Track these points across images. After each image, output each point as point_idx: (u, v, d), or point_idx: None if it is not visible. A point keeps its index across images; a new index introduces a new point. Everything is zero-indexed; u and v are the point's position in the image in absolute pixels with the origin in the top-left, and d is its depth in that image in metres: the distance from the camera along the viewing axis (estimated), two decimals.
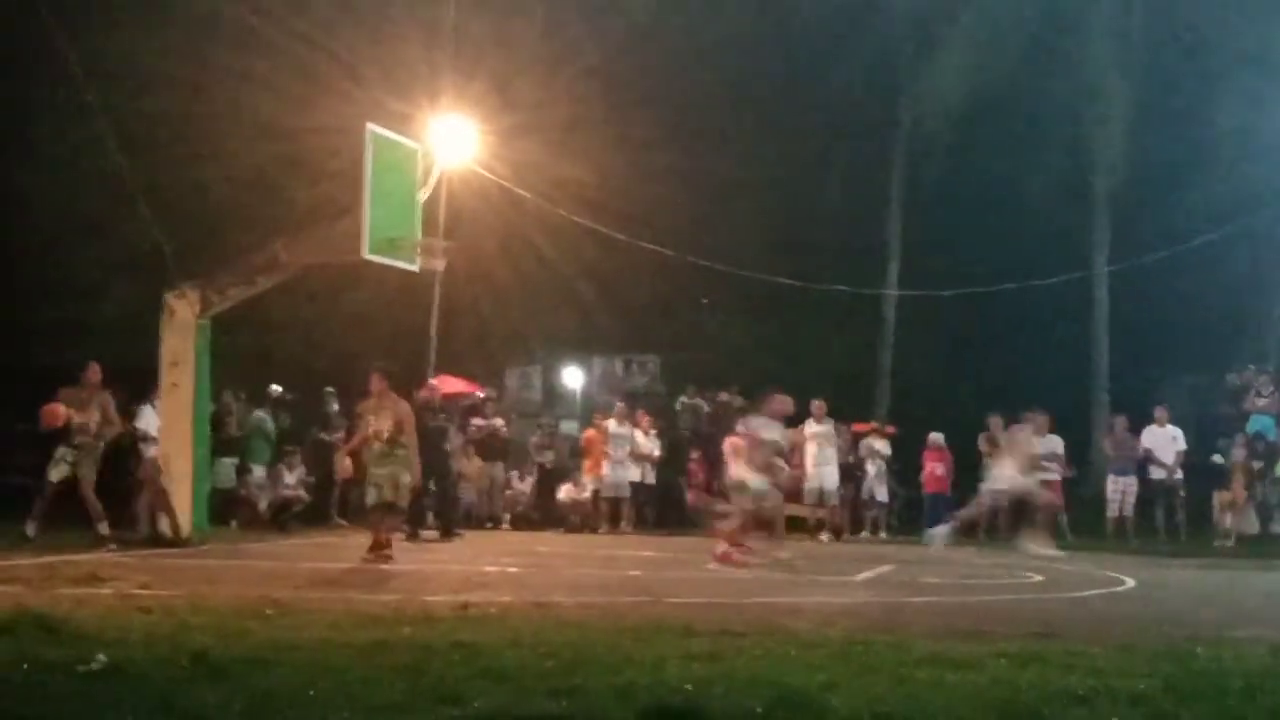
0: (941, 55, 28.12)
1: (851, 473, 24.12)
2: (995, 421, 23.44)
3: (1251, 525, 22.35)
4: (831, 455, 23.45)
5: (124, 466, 20.04)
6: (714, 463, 25.19)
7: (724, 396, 26.79)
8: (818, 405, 23.44)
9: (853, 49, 28.28)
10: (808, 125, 29.26)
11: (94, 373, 17.55)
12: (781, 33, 28.55)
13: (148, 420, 19.63)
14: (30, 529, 16.92)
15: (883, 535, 23.85)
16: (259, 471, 22.80)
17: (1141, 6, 27.62)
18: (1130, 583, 14.96)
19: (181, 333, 18.30)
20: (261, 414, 23.52)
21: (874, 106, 29.53)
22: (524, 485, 24.46)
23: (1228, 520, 22.19)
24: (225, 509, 21.76)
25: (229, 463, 22.28)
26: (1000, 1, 27.75)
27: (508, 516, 24.51)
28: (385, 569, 14.62)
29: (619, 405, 24.60)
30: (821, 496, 23.38)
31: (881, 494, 24.23)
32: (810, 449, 23.35)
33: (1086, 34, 27.91)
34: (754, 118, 28.70)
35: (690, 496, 24.88)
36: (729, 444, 17.55)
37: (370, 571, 14.29)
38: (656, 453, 24.60)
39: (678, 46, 27.96)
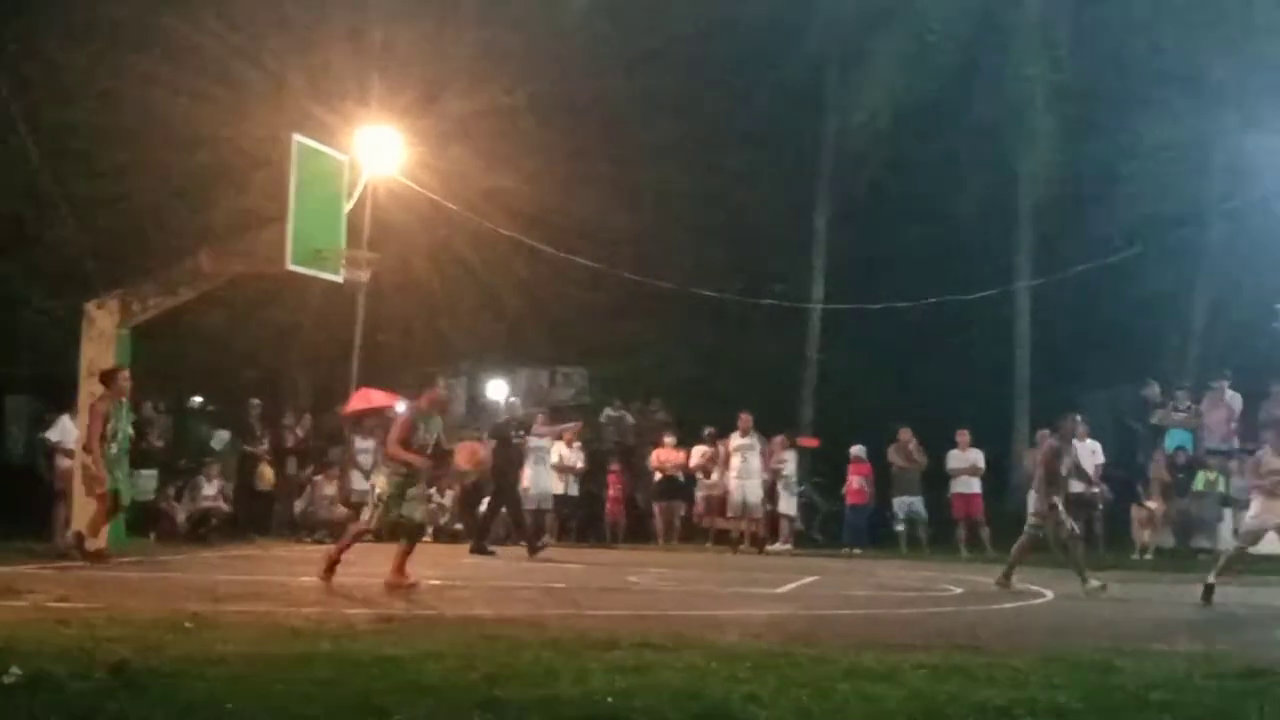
0: (867, 70, 28.29)
1: (774, 486, 24.16)
2: (905, 434, 23.70)
3: (1168, 539, 22.64)
4: (755, 468, 23.51)
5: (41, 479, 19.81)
6: (636, 475, 25.28)
7: (650, 408, 26.83)
8: (744, 418, 23.54)
9: (780, 62, 28.37)
10: (735, 137, 29.33)
11: None
12: (710, 45, 28.59)
13: (64, 431, 19.41)
14: None
15: (788, 547, 23.78)
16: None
17: (1066, 24, 27.89)
18: (1049, 595, 15.12)
19: (101, 342, 18.11)
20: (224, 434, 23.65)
21: (801, 120, 29.65)
22: (445, 499, 24.35)
23: (1145, 535, 22.46)
24: (144, 521, 21.51)
25: (148, 475, 22.02)
26: (927, 17, 27.94)
27: (430, 530, 24.31)
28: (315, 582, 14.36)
29: (540, 416, 24.55)
30: (745, 509, 23.44)
31: (787, 506, 24.14)
32: (735, 461, 23.48)
33: (1012, 51, 28.16)
34: (683, 129, 28.69)
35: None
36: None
37: (291, 585, 14.17)
38: (579, 465, 24.56)
39: (608, 57, 27.94)
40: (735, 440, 23.48)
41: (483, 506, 22.30)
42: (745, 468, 23.41)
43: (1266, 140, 24.90)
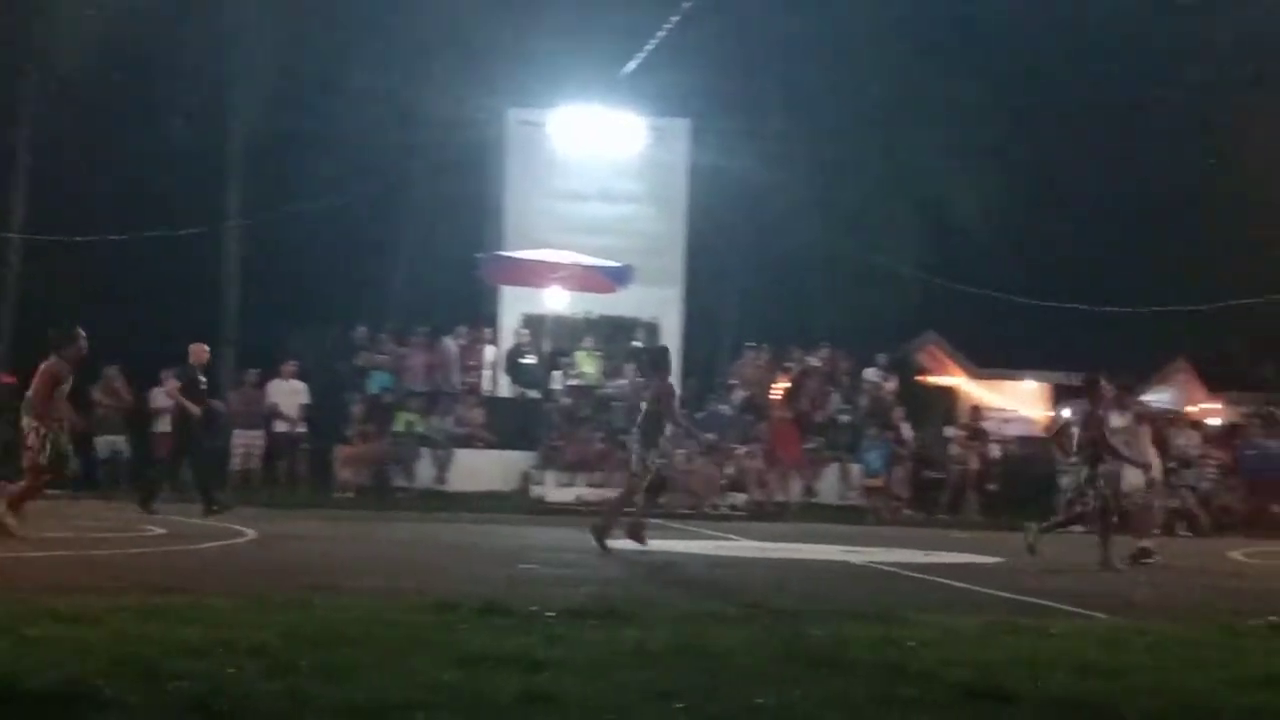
0: (77, 6, 27.10)
1: None
2: (111, 371, 23.00)
3: (367, 478, 23.39)
4: None
5: None
6: None
7: None
8: None
9: None
10: None
11: None
12: None
13: None
14: None
15: None
16: None
17: None
18: (251, 534, 15.28)
19: None
20: None
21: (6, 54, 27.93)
22: None
23: (347, 473, 23.15)
24: None
25: None
26: None
27: None
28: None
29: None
30: None
31: None
32: None
33: None
34: None
35: None
36: None
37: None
38: None
39: None
40: None
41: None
42: None
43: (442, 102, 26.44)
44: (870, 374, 26.02)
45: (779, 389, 25.01)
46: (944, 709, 6.04)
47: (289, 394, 23.52)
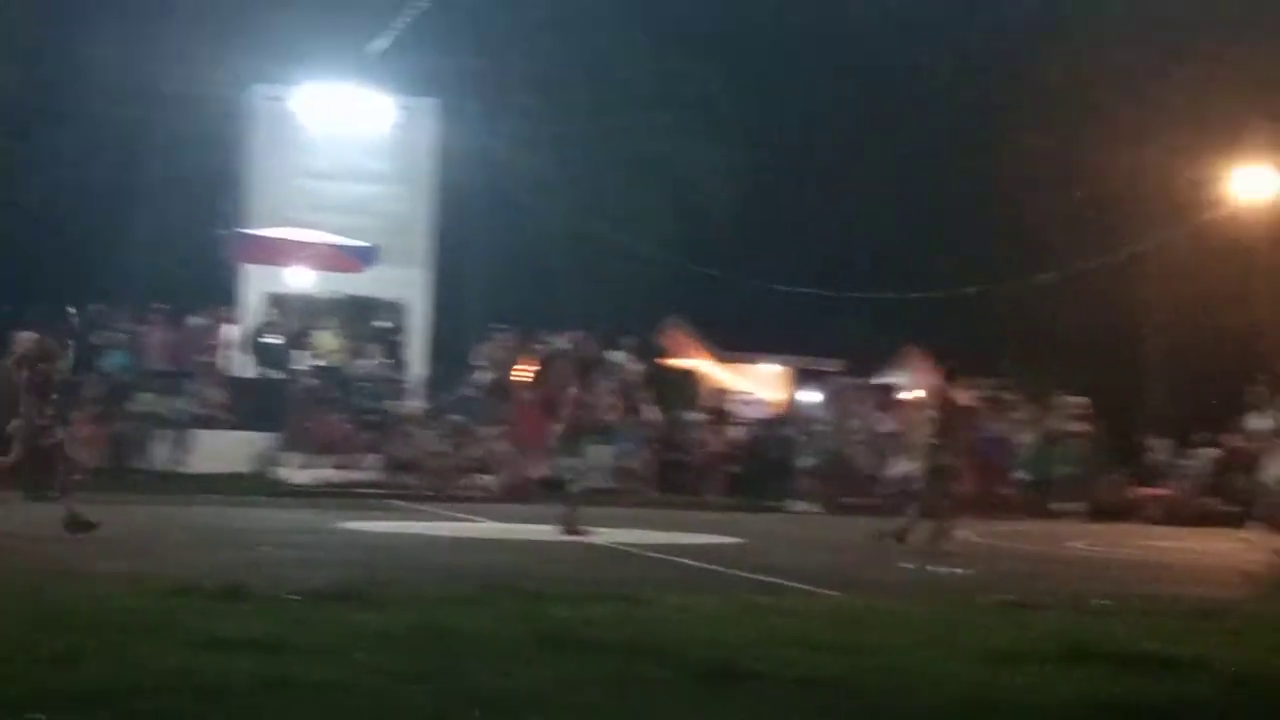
0: None
1: None
2: None
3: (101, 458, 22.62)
4: None
5: None
6: None
7: None
8: None
9: None
10: None
11: None
12: None
13: None
14: None
15: None
16: None
17: None
18: None
19: None
20: None
21: None
22: None
23: (82, 454, 22.31)
24: None
25: None
26: None
27: None
28: None
29: None
30: None
31: None
32: None
33: None
34: None
35: None
36: None
37: None
38: None
39: None
40: None
41: None
42: None
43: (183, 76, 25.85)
44: (616, 357, 26.21)
45: (526, 371, 25.05)
46: (684, 687, 6.14)
47: None
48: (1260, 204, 28.76)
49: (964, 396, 16.67)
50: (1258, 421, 15.50)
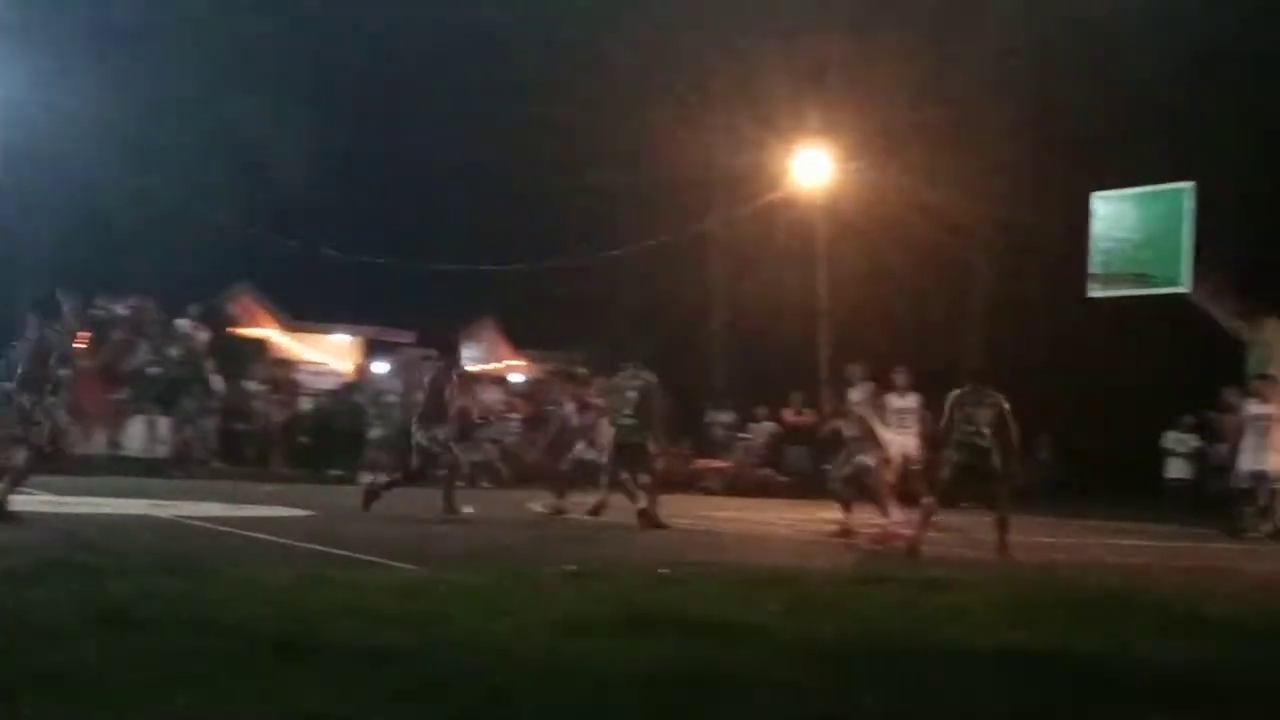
0: None
1: None
2: None
3: None
4: None
5: None
6: None
7: None
8: None
9: None
10: None
11: None
12: None
13: None
14: None
15: None
16: None
17: None
18: None
19: None
20: None
21: None
22: None
23: None
24: None
25: None
26: None
27: None
28: None
29: None
30: None
31: None
32: None
33: None
34: None
35: None
36: None
37: None
38: None
39: None
40: None
41: None
42: None
43: None
44: (182, 324, 25.40)
45: (83, 339, 23.96)
46: (251, 662, 6.01)
47: None
48: (819, 185, 30.29)
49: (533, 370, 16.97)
50: (857, 395, 16.47)
